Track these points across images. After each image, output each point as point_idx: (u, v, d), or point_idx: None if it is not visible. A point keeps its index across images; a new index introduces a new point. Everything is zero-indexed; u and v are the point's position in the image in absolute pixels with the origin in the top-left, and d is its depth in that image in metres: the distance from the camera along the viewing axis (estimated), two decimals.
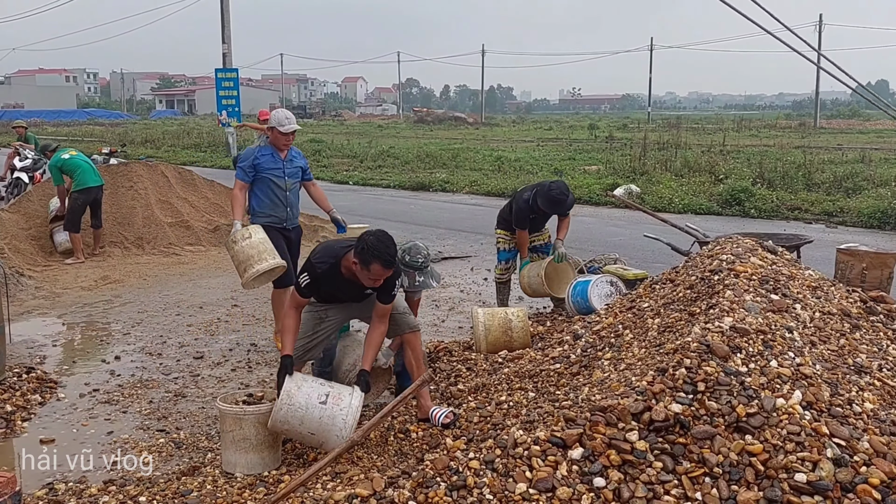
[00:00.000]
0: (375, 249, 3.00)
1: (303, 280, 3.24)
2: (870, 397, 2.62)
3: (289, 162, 4.74)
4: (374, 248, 3.00)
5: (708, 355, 2.61)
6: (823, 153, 17.79)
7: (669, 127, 30.61)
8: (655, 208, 10.48)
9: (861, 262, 4.95)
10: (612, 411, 2.45)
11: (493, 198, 13.48)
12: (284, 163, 4.71)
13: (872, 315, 3.46)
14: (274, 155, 4.68)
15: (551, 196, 5.11)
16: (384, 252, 3.01)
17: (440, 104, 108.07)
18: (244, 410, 3.12)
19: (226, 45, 19.67)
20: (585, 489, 2.26)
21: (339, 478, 2.74)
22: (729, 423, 2.39)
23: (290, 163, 4.74)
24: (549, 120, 53.25)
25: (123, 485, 3.01)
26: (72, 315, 5.82)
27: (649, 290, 3.92)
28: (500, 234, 5.51)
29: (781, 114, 57.25)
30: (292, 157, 4.77)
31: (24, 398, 3.94)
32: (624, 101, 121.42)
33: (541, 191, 5.17)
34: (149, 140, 27.74)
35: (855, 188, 11.84)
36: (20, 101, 57.74)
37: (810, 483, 2.20)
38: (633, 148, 19.17)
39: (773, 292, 3.18)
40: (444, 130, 37.92)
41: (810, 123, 36.97)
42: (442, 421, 3.24)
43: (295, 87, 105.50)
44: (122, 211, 8.38)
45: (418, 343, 3.51)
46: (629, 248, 8.08)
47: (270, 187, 4.67)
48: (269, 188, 4.67)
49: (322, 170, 18.32)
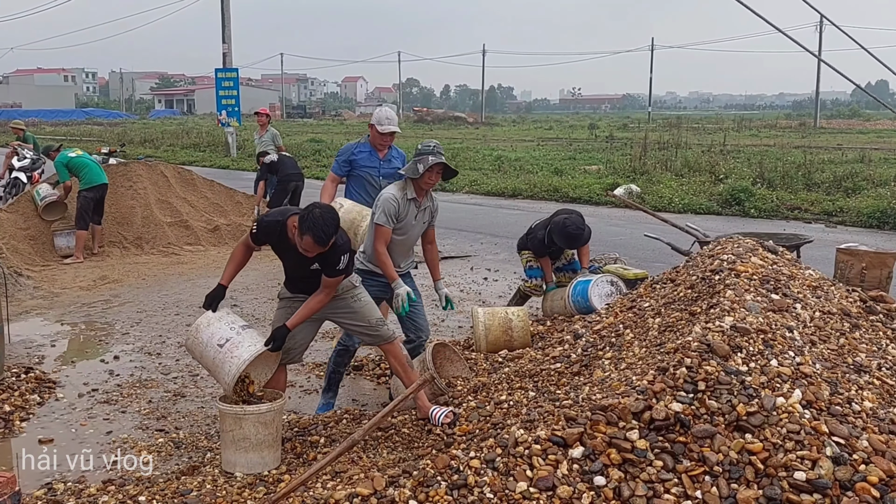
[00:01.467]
0: (314, 223, 2.99)
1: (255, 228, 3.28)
2: (869, 396, 2.62)
3: (386, 162, 4.65)
4: (314, 221, 3.00)
5: (708, 354, 2.61)
6: (823, 153, 17.81)
7: (670, 127, 30.61)
8: (655, 208, 10.49)
9: (861, 262, 4.96)
10: (612, 410, 2.45)
11: (492, 197, 13.48)
12: (382, 162, 4.63)
13: (872, 314, 3.46)
14: (372, 153, 4.61)
15: (567, 232, 5.04)
16: (320, 229, 2.99)
17: (440, 104, 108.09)
18: (244, 410, 3.11)
19: (226, 44, 19.67)
20: (586, 488, 2.26)
21: (340, 477, 2.74)
22: (729, 421, 2.39)
23: (387, 163, 4.65)
24: (550, 120, 53.29)
25: (123, 484, 3.00)
26: (70, 315, 5.82)
27: (650, 289, 3.92)
28: (526, 255, 5.48)
29: (781, 114, 57.36)
30: (391, 158, 4.69)
31: (22, 398, 3.94)
32: (624, 101, 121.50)
33: (555, 228, 5.08)
34: (148, 140, 27.72)
35: (854, 188, 11.85)
36: (18, 101, 57.71)
37: (810, 481, 2.20)
38: (633, 148, 19.17)
39: (773, 292, 3.18)
40: (445, 130, 37.93)
41: (810, 123, 37.02)
42: (442, 420, 3.24)
43: (295, 87, 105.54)
44: (122, 211, 8.38)
45: (398, 350, 3.45)
46: (629, 248, 8.08)
47: (364, 185, 4.62)
48: (363, 185, 4.63)
49: (322, 170, 18.30)
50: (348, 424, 3.62)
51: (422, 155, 3.69)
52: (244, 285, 6.56)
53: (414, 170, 3.67)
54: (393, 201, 3.65)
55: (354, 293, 3.38)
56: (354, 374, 4.49)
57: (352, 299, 3.37)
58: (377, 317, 3.41)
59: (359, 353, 4.88)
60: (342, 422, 3.66)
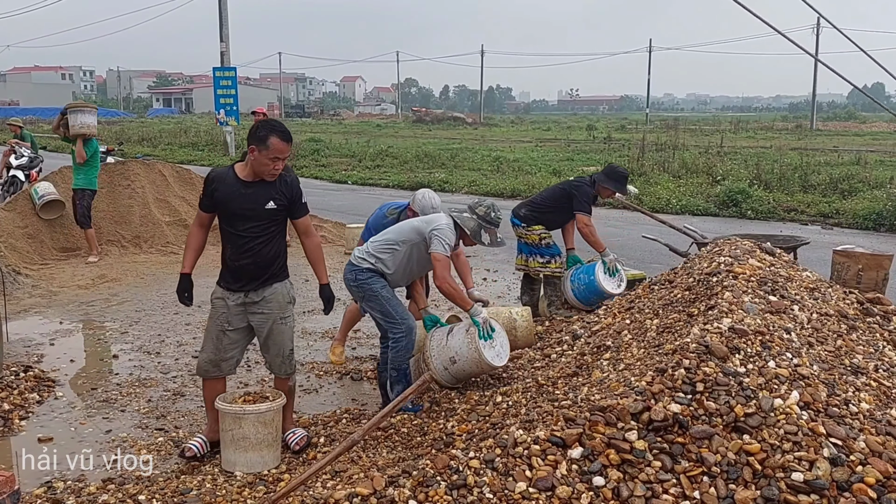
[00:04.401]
0: (269, 124, 2.98)
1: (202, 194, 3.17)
2: (866, 397, 2.64)
3: None
4: (268, 123, 3.00)
5: (707, 356, 2.63)
6: (820, 155, 17.88)
7: (667, 128, 30.70)
8: (653, 209, 10.51)
9: (857, 264, 4.98)
10: (611, 411, 2.46)
11: (491, 198, 13.48)
12: None
13: (869, 316, 3.49)
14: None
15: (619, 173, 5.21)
16: (278, 127, 3.00)
17: (439, 104, 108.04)
18: (243, 409, 3.12)
19: (224, 43, 19.62)
20: (585, 488, 2.28)
21: (340, 476, 2.75)
22: (727, 422, 2.40)
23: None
24: (548, 120, 53.32)
25: (122, 483, 3.01)
26: (69, 314, 5.81)
27: (648, 290, 3.94)
28: (541, 229, 5.15)
29: (778, 115, 57.55)
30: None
31: (21, 397, 3.93)
32: (622, 102, 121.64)
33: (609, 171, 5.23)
34: (146, 138, 27.66)
35: (850, 190, 11.91)
36: (15, 99, 57.55)
37: (807, 482, 2.22)
38: (631, 149, 19.23)
39: (771, 293, 3.20)
40: (443, 130, 37.93)
41: (807, 125, 37.15)
42: (294, 446, 3.22)
43: (293, 86, 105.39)
44: (120, 210, 8.36)
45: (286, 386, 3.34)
46: (627, 249, 8.10)
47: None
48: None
49: (321, 169, 18.31)
50: (348, 424, 3.63)
51: (490, 225, 3.71)
52: None
53: (478, 235, 3.66)
54: (452, 235, 3.64)
55: (287, 311, 3.28)
56: (354, 375, 4.50)
57: (281, 320, 3.25)
58: (291, 347, 3.34)
59: (360, 352, 4.90)
60: (342, 421, 3.67)
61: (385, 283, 3.67)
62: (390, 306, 3.64)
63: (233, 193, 3.09)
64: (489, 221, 3.70)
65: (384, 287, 3.66)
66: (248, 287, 3.20)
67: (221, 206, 3.13)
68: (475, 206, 3.79)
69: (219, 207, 3.14)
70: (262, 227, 3.13)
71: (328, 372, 4.49)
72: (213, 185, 3.13)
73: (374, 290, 3.64)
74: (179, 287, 3.29)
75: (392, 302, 3.66)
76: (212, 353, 3.25)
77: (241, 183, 3.09)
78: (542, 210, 5.20)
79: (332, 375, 4.44)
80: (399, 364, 3.67)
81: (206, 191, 3.16)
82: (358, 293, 3.74)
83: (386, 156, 20.24)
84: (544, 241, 5.14)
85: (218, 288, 3.28)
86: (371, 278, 3.66)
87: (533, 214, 5.20)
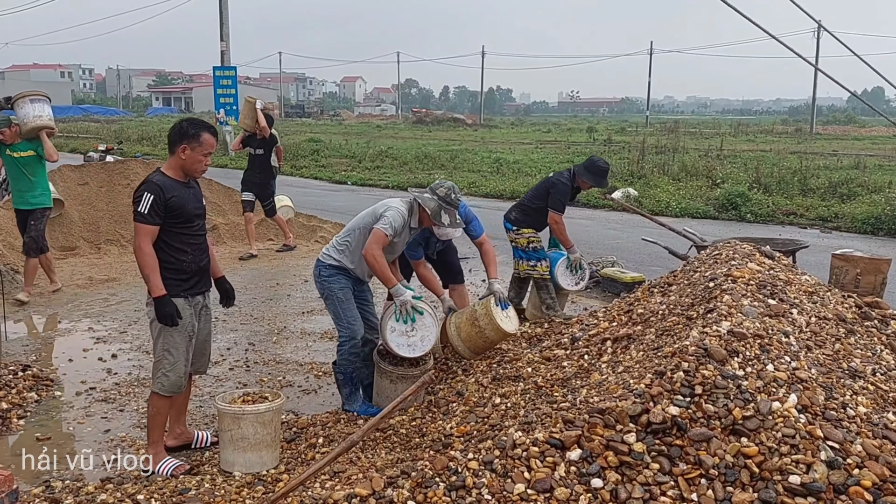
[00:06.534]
0: (194, 123, 3.12)
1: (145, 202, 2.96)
2: (863, 401, 2.65)
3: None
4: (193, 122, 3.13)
5: (705, 359, 2.64)
6: (819, 159, 17.91)
7: (667, 131, 30.73)
8: (653, 212, 10.53)
9: (855, 268, 5.00)
10: (610, 413, 2.47)
11: (491, 199, 13.49)
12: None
13: (867, 320, 3.50)
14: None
15: (598, 167, 5.06)
16: (202, 122, 3.14)
17: (439, 105, 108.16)
18: (242, 409, 3.12)
19: (224, 42, 19.64)
20: (583, 490, 2.28)
21: (338, 477, 2.75)
22: (725, 425, 2.41)
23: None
24: (548, 122, 53.37)
25: (121, 483, 3.01)
26: (68, 313, 5.81)
27: (647, 293, 3.95)
28: (528, 234, 5.17)
29: (778, 119, 57.56)
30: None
31: (20, 396, 3.94)
32: (622, 105, 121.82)
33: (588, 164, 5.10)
34: (145, 137, 27.63)
35: (849, 194, 11.93)
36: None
37: (804, 485, 2.23)
38: (631, 151, 19.23)
39: (770, 297, 3.21)
40: (443, 131, 37.95)
41: (806, 129, 37.20)
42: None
43: (293, 86, 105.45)
44: (119, 209, 8.36)
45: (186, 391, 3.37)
46: (627, 251, 8.11)
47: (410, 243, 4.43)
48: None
49: (320, 169, 18.31)
50: (347, 425, 3.63)
51: (450, 206, 3.75)
52: (242, 284, 6.55)
53: (437, 215, 3.70)
54: (401, 218, 3.67)
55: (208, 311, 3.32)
56: None
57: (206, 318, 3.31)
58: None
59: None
60: (340, 422, 3.67)
61: (345, 283, 3.73)
62: (341, 309, 3.72)
63: (184, 195, 3.12)
64: (449, 203, 3.75)
65: (342, 289, 3.73)
66: (206, 287, 3.28)
67: (178, 211, 3.06)
68: (436, 187, 3.83)
69: (175, 213, 3.05)
70: (204, 224, 3.25)
71: (327, 372, 4.49)
72: (166, 195, 3.03)
73: (331, 290, 3.74)
74: (163, 311, 3.07)
75: (344, 305, 3.73)
76: (184, 366, 3.19)
77: (181, 184, 3.14)
78: (528, 211, 5.23)
79: (330, 376, 4.44)
80: (344, 368, 3.77)
81: (159, 202, 2.99)
82: (319, 289, 3.83)
83: (386, 157, 20.24)
84: (532, 245, 5.19)
85: (178, 300, 3.12)
86: (332, 276, 3.73)
87: (521, 217, 5.25)
